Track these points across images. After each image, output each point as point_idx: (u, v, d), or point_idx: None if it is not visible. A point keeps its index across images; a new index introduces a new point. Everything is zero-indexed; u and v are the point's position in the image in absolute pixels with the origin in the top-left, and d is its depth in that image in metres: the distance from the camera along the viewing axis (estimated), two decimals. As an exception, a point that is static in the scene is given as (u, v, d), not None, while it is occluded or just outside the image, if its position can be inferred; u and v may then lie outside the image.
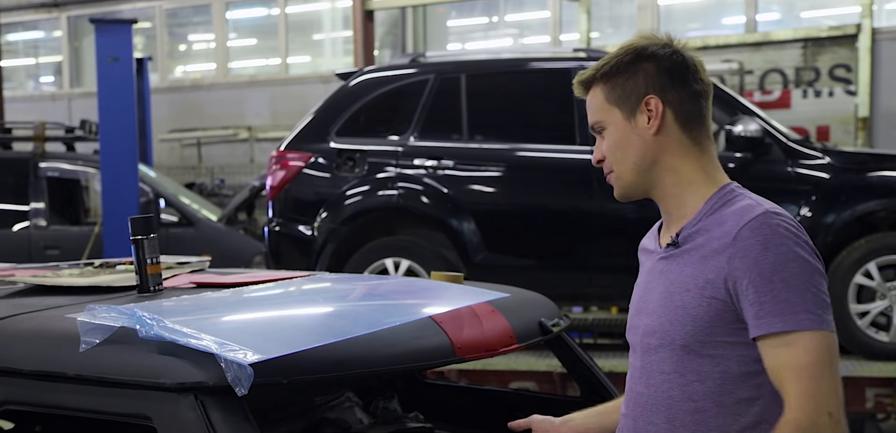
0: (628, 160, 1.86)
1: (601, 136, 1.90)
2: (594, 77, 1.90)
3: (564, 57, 6.21)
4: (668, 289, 1.82)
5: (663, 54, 1.85)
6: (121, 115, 7.68)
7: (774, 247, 1.68)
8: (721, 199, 1.81)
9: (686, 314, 1.77)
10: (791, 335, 1.66)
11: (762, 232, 1.69)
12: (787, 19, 11.69)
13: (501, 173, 5.90)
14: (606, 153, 1.89)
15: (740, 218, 1.73)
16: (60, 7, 15.48)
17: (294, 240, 6.08)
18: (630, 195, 1.90)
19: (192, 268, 2.76)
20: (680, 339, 1.77)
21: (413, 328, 2.05)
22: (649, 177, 1.86)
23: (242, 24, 15.34)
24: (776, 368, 1.69)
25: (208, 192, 11.47)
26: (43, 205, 8.35)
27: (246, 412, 1.70)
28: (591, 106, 1.92)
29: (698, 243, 1.79)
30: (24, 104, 14.74)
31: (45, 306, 2.16)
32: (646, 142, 1.84)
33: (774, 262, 1.67)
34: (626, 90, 1.85)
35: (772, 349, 1.69)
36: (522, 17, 14.01)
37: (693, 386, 1.77)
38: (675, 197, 1.86)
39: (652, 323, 1.84)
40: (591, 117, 1.92)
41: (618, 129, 1.87)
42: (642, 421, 1.85)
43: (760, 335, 1.69)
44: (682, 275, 1.79)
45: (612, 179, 1.90)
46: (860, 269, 5.35)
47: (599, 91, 1.89)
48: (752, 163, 5.42)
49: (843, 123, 9.51)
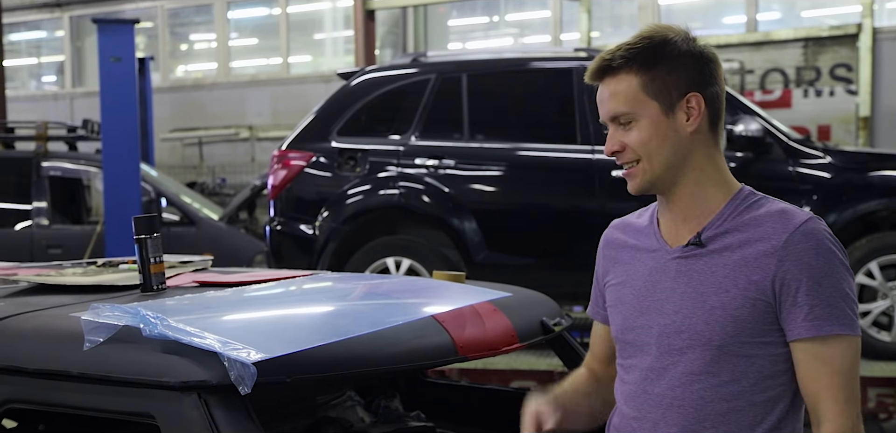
0: (661, 155, 1.79)
1: (625, 127, 1.81)
2: (626, 64, 1.79)
3: (565, 56, 6.21)
4: (697, 290, 1.79)
5: (698, 50, 1.81)
6: (123, 115, 7.68)
7: (825, 253, 1.73)
8: (744, 200, 1.82)
9: (726, 315, 1.76)
10: (834, 340, 1.72)
11: (814, 237, 1.73)
12: (787, 18, 11.69)
13: (502, 172, 5.91)
14: (634, 145, 1.80)
15: (787, 222, 1.75)
16: (63, 7, 15.49)
17: (295, 240, 6.09)
18: (650, 190, 1.84)
19: (194, 267, 2.77)
20: (718, 340, 1.76)
21: (415, 327, 2.06)
22: (676, 174, 1.82)
23: (244, 23, 15.35)
24: (814, 374, 1.73)
25: (210, 192, 11.47)
26: (45, 204, 8.35)
27: (249, 411, 1.71)
28: (617, 95, 1.80)
29: (730, 243, 1.78)
30: (26, 103, 14.76)
31: (49, 305, 2.16)
32: (682, 138, 1.80)
33: (824, 268, 1.72)
34: (668, 83, 1.78)
35: (813, 352, 1.73)
36: (523, 17, 14.01)
37: (728, 386, 1.77)
38: (694, 196, 1.83)
39: (677, 323, 1.80)
40: (617, 106, 1.80)
41: (653, 122, 1.79)
42: (664, 423, 1.81)
43: (805, 337, 1.73)
44: (715, 275, 1.78)
45: (635, 170, 1.82)
46: (862, 269, 5.35)
47: (634, 80, 1.79)
48: (753, 162, 5.42)
49: (845, 123, 9.51)
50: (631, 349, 1.90)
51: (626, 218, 2.00)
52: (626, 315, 1.91)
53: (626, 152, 1.82)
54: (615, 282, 1.96)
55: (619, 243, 1.97)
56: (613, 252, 1.98)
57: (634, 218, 1.98)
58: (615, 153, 1.83)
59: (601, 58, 1.83)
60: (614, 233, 2.00)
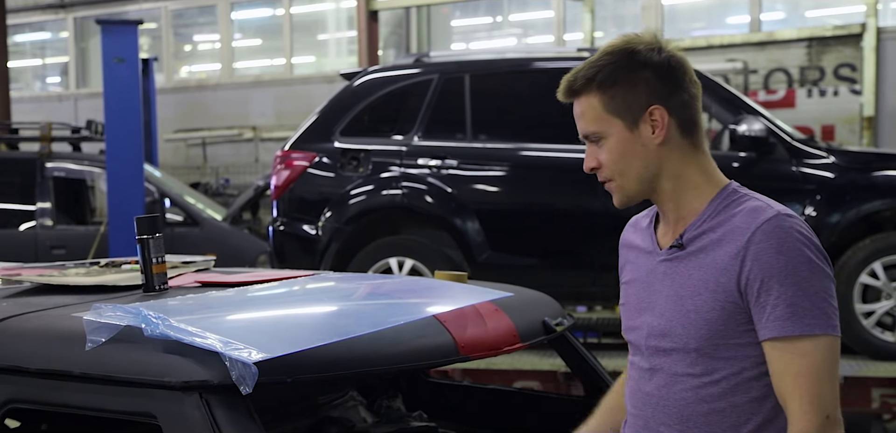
0: (632, 171, 1.82)
1: (597, 144, 1.84)
2: (587, 85, 1.81)
3: (568, 56, 6.20)
4: (677, 292, 1.80)
5: (659, 60, 1.80)
6: (126, 116, 7.69)
7: (787, 250, 1.69)
8: (724, 200, 1.80)
9: (699, 318, 1.76)
10: (799, 340, 1.68)
11: (776, 235, 1.70)
12: (791, 18, 11.67)
13: (505, 173, 5.90)
14: (605, 163, 1.83)
15: (752, 220, 1.73)
16: (67, 8, 15.52)
17: (298, 240, 6.09)
18: (631, 203, 1.87)
19: (197, 268, 2.77)
20: (694, 343, 1.77)
21: (417, 327, 2.06)
22: (652, 184, 1.83)
23: (247, 24, 15.37)
24: (781, 373, 1.70)
25: (213, 192, 11.48)
26: (49, 204, 8.37)
27: (250, 410, 1.71)
28: (585, 115, 1.83)
29: (704, 245, 1.78)
30: (30, 104, 14.79)
31: (51, 305, 2.16)
32: (650, 151, 1.81)
33: (787, 266, 1.68)
34: (628, 100, 1.79)
35: (779, 352, 1.70)
36: (526, 17, 14.01)
37: (707, 388, 1.78)
38: (676, 200, 1.84)
39: (661, 325, 1.82)
40: (587, 126, 1.83)
41: (619, 139, 1.81)
42: (653, 421, 1.85)
43: (770, 338, 1.70)
44: (691, 278, 1.79)
45: (612, 187, 1.85)
46: (865, 269, 5.34)
47: (596, 100, 1.81)
48: (757, 162, 5.41)
49: (848, 123, 9.51)
50: (632, 348, 1.94)
51: (639, 216, 2.02)
52: (628, 314, 1.94)
53: (602, 169, 1.85)
54: (624, 280, 1.99)
55: (629, 242, 2.00)
56: (625, 251, 2.01)
57: (643, 217, 2.00)
58: (593, 169, 1.87)
59: (566, 79, 1.86)
60: (628, 231, 2.03)
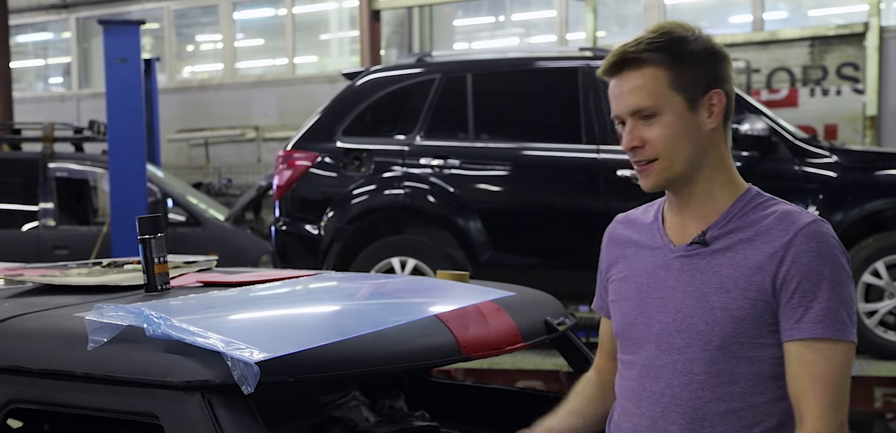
0: (684, 152, 1.76)
1: (646, 121, 1.76)
2: (654, 55, 1.75)
3: (571, 56, 6.20)
4: (698, 289, 1.78)
5: (714, 47, 1.79)
6: (129, 116, 7.70)
7: (825, 255, 1.71)
8: (750, 201, 1.81)
9: (726, 315, 1.75)
10: (827, 343, 1.69)
11: (816, 239, 1.72)
12: (794, 18, 11.66)
13: (508, 172, 5.90)
14: (654, 141, 1.76)
15: (790, 223, 1.74)
16: (69, 8, 15.53)
17: (301, 240, 6.09)
18: (667, 187, 1.81)
19: (199, 268, 2.77)
20: (718, 340, 1.75)
21: (418, 327, 2.05)
22: (694, 171, 1.79)
23: (250, 24, 15.37)
24: (799, 374, 1.71)
25: (216, 192, 11.49)
26: (52, 205, 8.37)
27: (252, 410, 1.71)
28: (642, 87, 1.75)
29: (732, 243, 1.77)
30: (33, 105, 14.80)
31: (54, 305, 2.16)
32: (703, 135, 1.78)
33: (825, 270, 1.70)
34: (691, 78, 1.75)
35: (804, 353, 1.70)
36: (529, 17, 14.00)
37: (726, 387, 1.76)
38: (705, 194, 1.81)
39: (678, 321, 1.79)
40: (642, 100, 1.75)
41: (678, 117, 1.75)
42: (662, 421, 1.80)
43: (800, 338, 1.71)
44: (718, 275, 1.77)
45: (651, 168, 1.78)
46: (868, 268, 5.33)
47: (661, 72, 1.75)
48: (760, 161, 5.41)
49: (851, 122, 9.50)
50: (632, 345, 1.89)
51: (631, 212, 2.00)
52: (627, 311, 1.90)
53: (646, 148, 1.78)
54: (618, 277, 1.95)
55: (623, 238, 1.96)
56: (617, 247, 1.97)
57: (639, 213, 1.97)
58: (634, 149, 1.79)
59: (622, 50, 1.78)
60: (618, 227, 1.99)
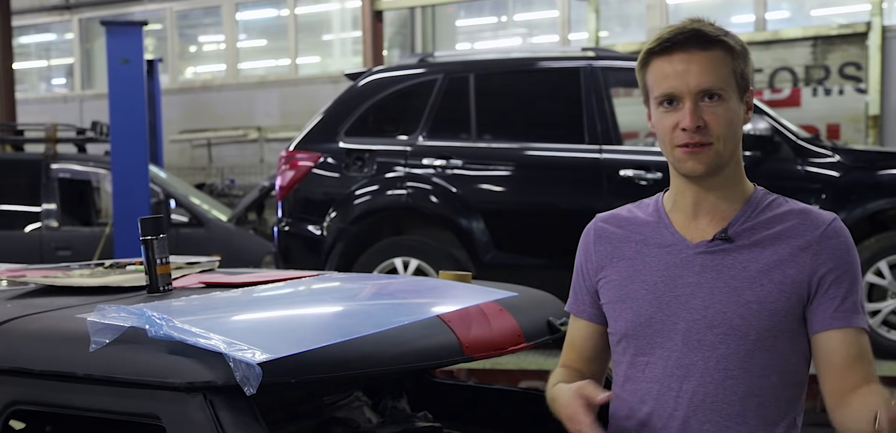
0: (733, 140, 1.82)
1: (711, 102, 1.78)
2: (722, 40, 1.80)
3: (573, 56, 6.21)
4: (729, 284, 1.79)
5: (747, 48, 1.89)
6: (131, 117, 7.71)
7: (852, 250, 1.83)
8: (762, 199, 1.86)
9: (762, 308, 1.77)
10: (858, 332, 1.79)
11: (844, 234, 1.82)
12: (796, 17, 11.66)
13: (510, 172, 5.90)
14: (715, 124, 1.78)
15: (817, 219, 1.82)
16: (72, 9, 15.56)
17: (303, 240, 6.10)
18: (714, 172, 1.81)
19: (201, 269, 2.77)
20: (754, 333, 1.77)
21: (421, 327, 2.05)
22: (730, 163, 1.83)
23: (252, 25, 15.38)
24: (854, 357, 1.77)
25: (218, 193, 11.50)
26: (54, 206, 8.38)
27: (255, 411, 1.70)
28: (714, 69, 1.78)
29: (759, 239, 1.80)
30: (36, 106, 14.82)
31: (56, 306, 2.16)
32: (740, 130, 1.85)
33: (854, 264, 1.81)
34: (744, 72, 1.83)
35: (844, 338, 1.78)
36: (531, 17, 14.01)
37: (758, 380, 1.78)
38: (724, 188, 1.84)
39: (708, 317, 1.78)
40: (716, 81, 1.78)
41: (733, 105, 1.81)
42: (695, 420, 1.78)
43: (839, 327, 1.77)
44: (748, 270, 1.79)
45: (709, 151, 1.78)
46: (871, 268, 5.34)
47: (728, 59, 1.80)
48: (762, 161, 5.41)
49: (854, 121, 9.49)
50: (647, 345, 1.84)
51: (615, 212, 1.98)
52: (639, 310, 1.85)
53: (707, 129, 1.78)
54: (616, 277, 1.90)
55: (617, 237, 1.93)
56: (609, 247, 1.93)
57: (628, 212, 1.95)
58: (698, 128, 1.78)
59: (696, 26, 1.81)
60: (607, 226, 1.96)
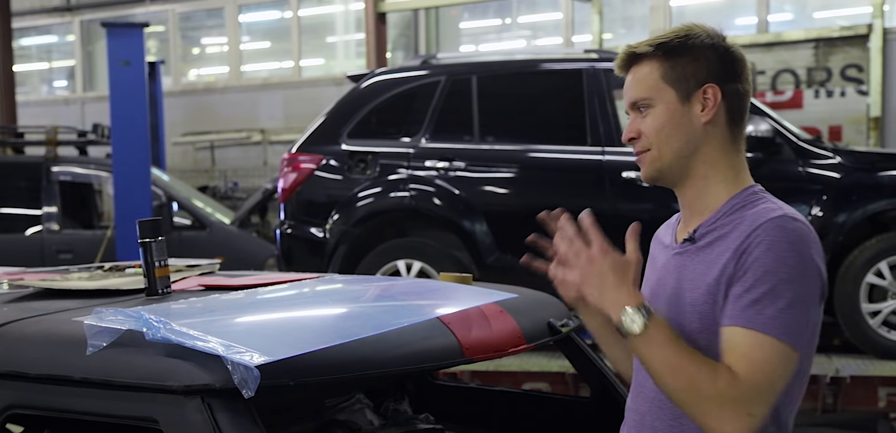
0: (673, 144, 1.82)
1: (642, 113, 1.84)
2: (651, 52, 1.84)
3: (575, 58, 6.20)
4: (678, 286, 1.81)
5: (722, 45, 1.84)
6: (133, 119, 7.72)
7: (777, 249, 1.67)
8: (743, 199, 1.81)
9: (693, 311, 1.77)
10: (754, 333, 1.65)
11: (773, 233, 1.69)
12: (798, 20, 11.65)
13: (513, 174, 5.90)
14: (648, 132, 1.83)
15: (757, 218, 1.73)
16: (73, 11, 15.57)
17: (306, 243, 6.09)
18: (660, 179, 1.86)
19: (201, 271, 2.76)
20: (686, 334, 1.75)
21: (421, 329, 2.04)
22: (686, 165, 1.83)
23: (255, 26, 15.39)
24: (729, 350, 1.66)
25: (221, 195, 11.50)
26: (55, 209, 8.37)
27: (253, 414, 1.70)
28: (639, 81, 1.84)
29: (712, 241, 1.79)
30: (37, 108, 14.83)
31: (53, 310, 2.16)
32: (694, 129, 1.82)
33: (770, 264, 1.67)
34: (686, 72, 1.81)
35: (734, 334, 1.67)
36: (535, 19, 14.01)
37: None
38: (701, 191, 1.84)
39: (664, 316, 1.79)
40: (638, 92, 1.84)
41: (668, 109, 1.81)
42: (650, 416, 1.84)
43: (728, 324, 1.68)
44: (694, 271, 1.79)
45: (646, 158, 1.84)
46: (872, 269, 5.33)
47: (655, 67, 1.83)
48: (764, 163, 5.39)
49: (855, 123, 9.47)
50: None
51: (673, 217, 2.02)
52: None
53: (640, 139, 1.85)
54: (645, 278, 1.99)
55: (657, 240, 2.02)
56: (654, 250, 2.01)
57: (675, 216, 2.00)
58: (631, 140, 1.86)
59: (627, 47, 1.88)
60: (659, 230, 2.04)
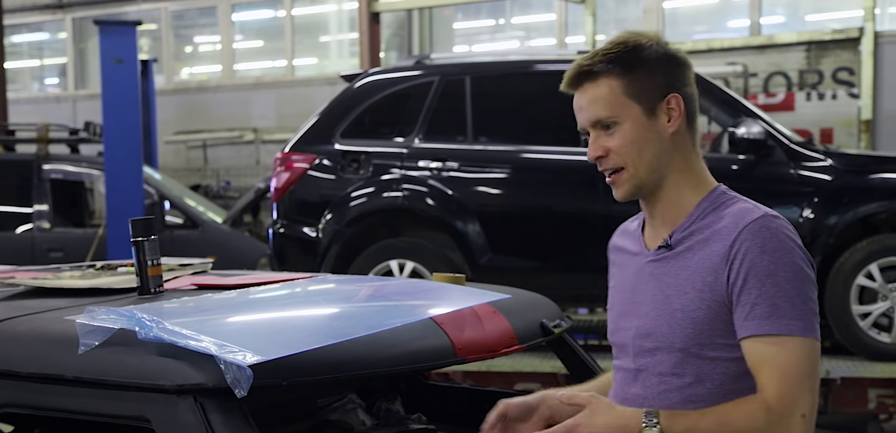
0: (645, 159, 1.79)
1: (607, 131, 1.80)
2: (607, 67, 1.79)
3: (569, 59, 6.17)
4: (663, 292, 1.81)
5: (672, 53, 1.82)
6: (125, 117, 7.69)
7: (772, 250, 1.70)
8: (713, 201, 1.82)
9: (686, 317, 1.76)
10: (778, 338, 1.67)
11: (762, 234, 1.70)
12: (791, 22, 11.70)
13: (506, 175, 5.90)
14: (617, 150, 1.79)
15: (740, 220, 1.74)
16: (65, 9, 15.52)
17: (299, 242, 6.08)
18: (636, 195, 1.84)
19: (193, 270, 2.76)
20: (679, 342, 1.77)
21: (413, 329, 2.04)
22: (659, 177, 1.81)
23: (248, 25, 15.36)
24: (758, 363, 1.69)
25: (214, 194, 11.49)
26: (46, 207, 8.35)
27: (246, 414, 1.69)
28: (600, 99, 1.79)
29: (692, 245, 1.79)
30: (28, 106, 14.78)
31: (45, 308, 2.15)
32: (664, 141, 1.80)
33: (770, 266, 1.69)
34: (647, 85, 1.78)
35: (756, 345, 1.69)
36: (528, 20, 14.02)
37: (692, 388, 1.77)
38: (673, 198, 1.84)
39: (646, 325, 1.82)
40: (600, 111, 1.79)
41: (636, 125, 1.78)
42: None
43: (749, 336, 1.70)
44: (678, 277, 1.79)
45: (619, 178, 1.81)
46: (862, 271, 5.34)
47: (615, 82, 1.78)
48: (755, 165, 5.41)
49: (846, 126, 9.50)
50: (617, 350, 1.94)
51: (627, 222, 2.04)
52: (613, 318, 1.96)
53: (609, 157, 1.81)
54: (611, 285, 2.01)
55: (616, 247, 2.02)
56: (613, 255, 2.03)
57: (631, 222, 2.01)
58: (599, 158, 1.82)
59: (578, 65, 1.82)
60: (616, 237, 2.04)
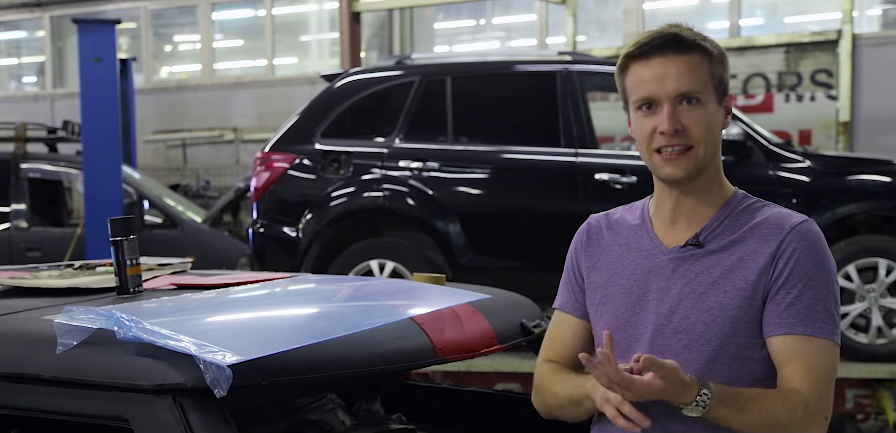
0: (713, 144, 1.82)
1: (689, 106, 1.78)
2: (700, 44, 1.81)
3: (550, 60, 6.22)
4: (695, 290, 1.79)
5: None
6: (104, 116, 7.64)
7: (816, 254, 1.76)
8: (740, 203, 1.85)
9: (724, 314, 1.76)
10: (809, 340, 1.72)
11: (808, 237, 1.76)
12: (770, 25, 11.76)
13: (487, 175, 5.90)
14: (694, 128, 1.78)
15: (783, 222, 1.78)
16: (43, 7, 15.40)
17: (278, 242, 6.06)
18: (694, 176, 1.81)
19: (173, 270, 2.75)
20: (716, 340, 1.76)
21: (393, 329, 2.04)
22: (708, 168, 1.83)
23: (228, 24, 15.29)
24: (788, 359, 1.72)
25: (193, 194, 11.42)
26: (24, 206, 8.29)
27: (225, 414, 1.69)
28: (692, 71, 1.78)
29: (726, 244, 1.80)
30: (5, 104, 14.66)
31: (22, 308, 2.14)
32: (719, 135, 1.85)
33: (812, 269, 1.74)
34: (722, 77, 1.84)
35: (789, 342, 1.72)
36: (509, 21, 14.02)
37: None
38: (703, 193, 1.84)
39: (674, 323, 1.79)
40: (694, 84, 1.78)
41: (711, 109, 1.81)
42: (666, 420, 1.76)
43: (782, 333, 1.73)
44: (713, 275, 1.78)
45: (685, 156, 1.78)
46: (840, 272, 5.37)
47: (704, 63, 1.81)
48: (734, 166, 5.43)
49: (825, 127, 9.55)
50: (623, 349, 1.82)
51: (610, 213, 1.98)
52: (617, 313, 1.87)
53: (684, 133, 1.79)
54: (599, 280, 1.92)
55: (605, 241, 1.94)
56: (598, 249, 1.95)
57: (621, 214, 1.96)
58: (676, 132, 1.78)
59: (674, 30, 1.82)
60: (599, 228, 1.97)
